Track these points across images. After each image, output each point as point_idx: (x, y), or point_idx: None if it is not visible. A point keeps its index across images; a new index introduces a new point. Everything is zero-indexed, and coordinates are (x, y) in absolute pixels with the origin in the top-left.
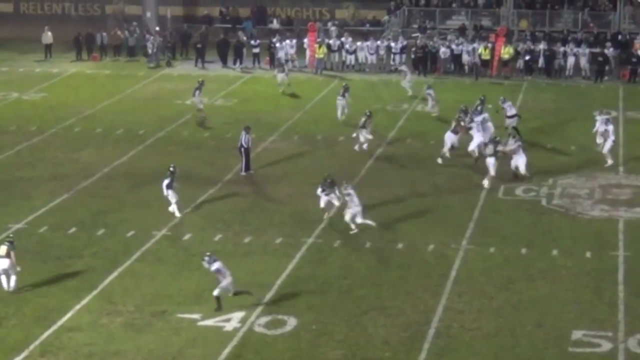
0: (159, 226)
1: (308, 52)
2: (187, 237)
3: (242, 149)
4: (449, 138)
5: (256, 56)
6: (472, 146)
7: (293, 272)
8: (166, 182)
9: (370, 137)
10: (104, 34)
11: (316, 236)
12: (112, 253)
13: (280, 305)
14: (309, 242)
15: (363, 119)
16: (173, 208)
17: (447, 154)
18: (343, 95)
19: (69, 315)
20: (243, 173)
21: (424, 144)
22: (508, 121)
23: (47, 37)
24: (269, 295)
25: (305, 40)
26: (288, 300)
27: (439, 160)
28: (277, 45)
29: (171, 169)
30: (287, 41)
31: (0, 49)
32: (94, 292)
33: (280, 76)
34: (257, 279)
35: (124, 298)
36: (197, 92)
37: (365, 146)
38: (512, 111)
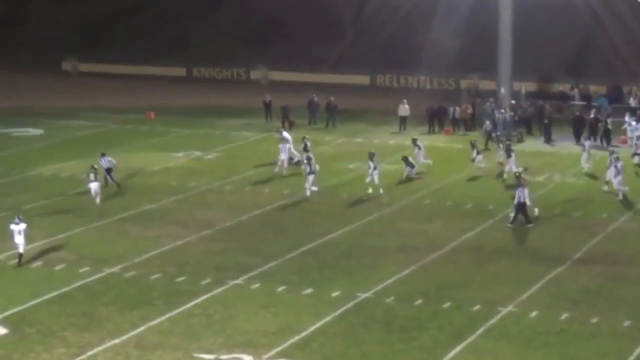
0: (505, 302)
1: None
2: (533, 314)
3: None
4: None
5: (607, 133)
6: None
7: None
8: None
9: None
10: (457, 107)
11: None
12: (457, 327)
13: None
14: None
15: None
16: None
17: None
18: None
19: None
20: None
21: None
22: None
23: (404, 109)
24: None
25: None
26: None
27: None
28: (633, 123)
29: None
30: None
31: (357, 120)
32: None
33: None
34: None
35: None
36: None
37: None
38: None
